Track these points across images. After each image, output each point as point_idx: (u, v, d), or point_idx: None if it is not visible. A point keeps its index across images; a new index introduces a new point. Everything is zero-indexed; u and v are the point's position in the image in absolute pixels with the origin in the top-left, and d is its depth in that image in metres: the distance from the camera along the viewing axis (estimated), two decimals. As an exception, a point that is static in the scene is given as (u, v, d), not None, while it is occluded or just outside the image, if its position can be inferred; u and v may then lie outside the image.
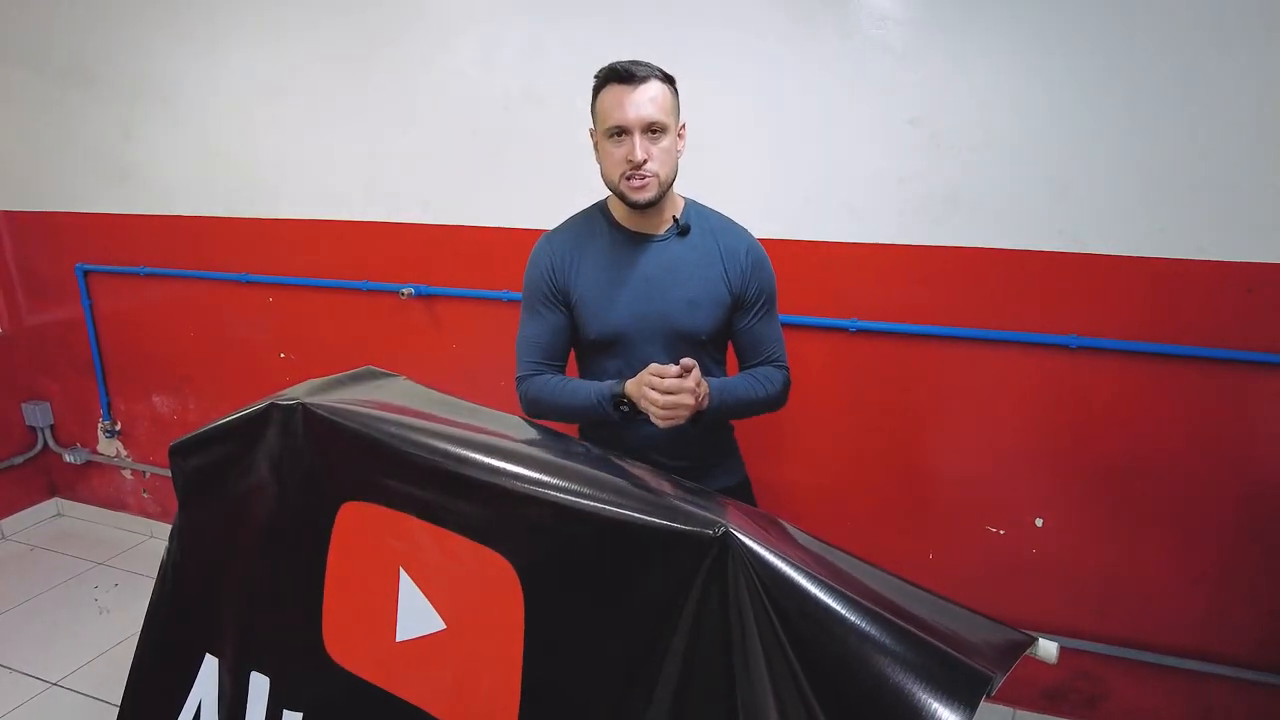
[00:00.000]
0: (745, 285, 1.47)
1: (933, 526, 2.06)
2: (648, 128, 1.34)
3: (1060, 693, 2.05)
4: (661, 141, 1.35)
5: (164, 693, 1.45)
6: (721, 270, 1.46)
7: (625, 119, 1.33)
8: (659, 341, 1.45)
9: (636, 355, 1.45)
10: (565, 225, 1.55)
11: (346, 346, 2.54)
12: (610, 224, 1.49)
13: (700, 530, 0.93)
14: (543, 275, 1.49)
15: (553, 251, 1.50)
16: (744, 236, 1.51)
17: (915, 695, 0.78)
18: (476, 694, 1.12)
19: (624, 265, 1.46)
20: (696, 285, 1.45)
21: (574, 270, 1.47)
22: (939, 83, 1.80)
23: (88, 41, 2.64)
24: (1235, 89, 1.63)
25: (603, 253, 1.47)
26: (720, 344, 1.54)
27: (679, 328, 1.45)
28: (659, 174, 1.36)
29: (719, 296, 1.46)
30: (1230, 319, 1.73)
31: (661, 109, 1.34)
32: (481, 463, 1.13)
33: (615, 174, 1.38)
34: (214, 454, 1.43)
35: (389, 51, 2.27)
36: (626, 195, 1.38)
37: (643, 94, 1.33)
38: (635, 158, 1.33)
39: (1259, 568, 1.82)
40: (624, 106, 1.33)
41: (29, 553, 3.01)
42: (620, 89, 1.33)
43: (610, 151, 1.37)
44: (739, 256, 1.47)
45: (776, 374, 1.52)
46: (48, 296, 3.03)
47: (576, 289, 1.47)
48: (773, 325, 1.53)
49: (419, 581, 1.18)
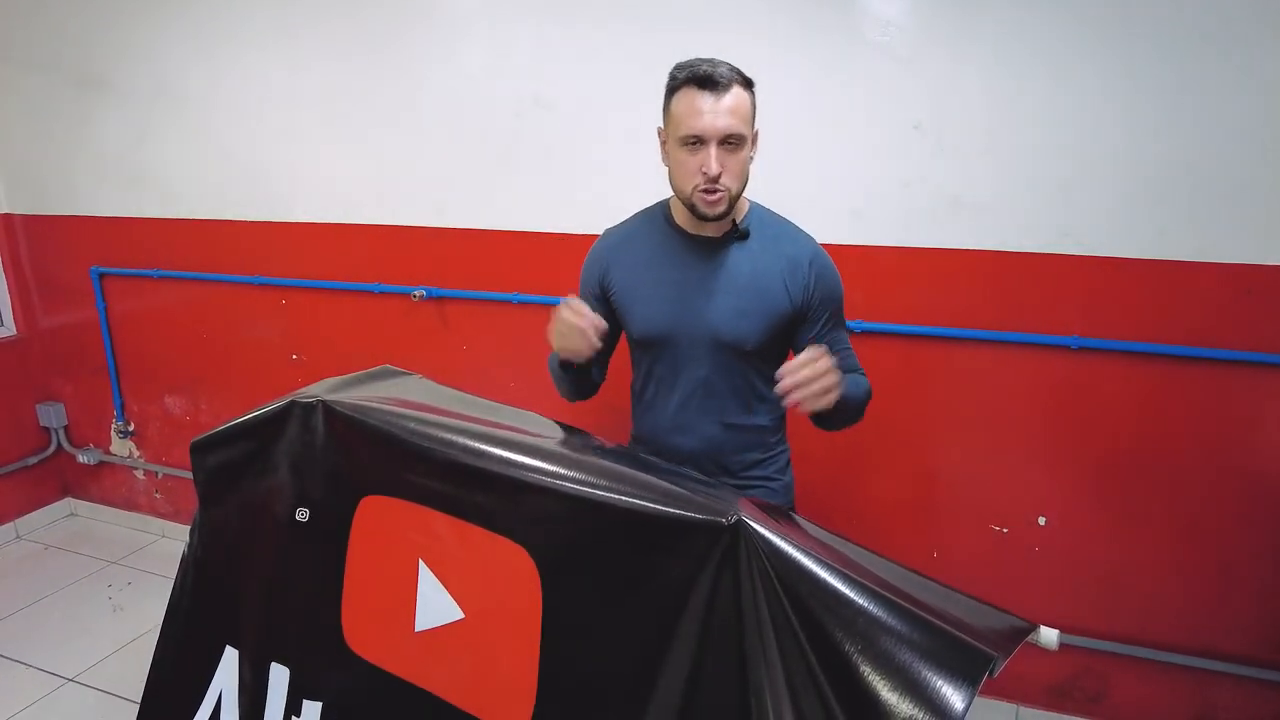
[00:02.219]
0: (809, 297, 1.40)
1: (937, 524, 2.09)
2: (725, 139, 1.26)
3: (1064, 689, 2.08)
4: (738, 153, 1.28)
5: (185, 684, 1.48)
6: (781, 280, 1.38)
7: (702, 129, 1.25)
8: (700, 347, 1.39)
9: (676, 359, 1.41)
10: (625, 222, 1.52)
11: (359, 348, 2.58)
12: (667, 222, 1.44)
13: (713, 518, 0.97)
14: (590, 269, 1.49)
15: (606, 247, 1.48)
16: (808, 244, 1.42)
17: (920, 673, 0.81)
18: (494, 681, 1.15)
19: (671, 265, 1.41)
20: (748, 294, 1.37)
21: (619, 267, 1.45)
22: (942, 88, 1.84)
23: (102, 47, 2.69)
24: (1234, 93, 1.66)
25: (653, 251, 1.43)
26: (769, 358, 1.43)
27: (721, 336, 1.38)
28: (731, 188, 1.30)
29: (774, 308, 1.38)
30: (1230, 320, 1.76)
31: (741, 119, 1.27)
32: (500, 456, 1.16)
33: (687, 185, 1.31)
34: (235, 451, 1.46)
35: (401, 57, 2.31)
36: (698, 207, 1.32)
37: (723, 103, 1.25)
38: (711, 171, 1.26)
39: (1261, 565, 1.85)
40: (702, 115, 1.25)
41: (43, 552, 3.04)
42: (699, 95, 1.25)
43: (683, 160, 1.30)
44: (801, 266, 1.39)
45: (864, 380, 1.44)
46: (62, 299, 3.07)
47: (617, 285, 1.45)
48: (840, 336, 1.46)
49: (438, 572, 1.22)
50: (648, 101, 2.05)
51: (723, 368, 1.40)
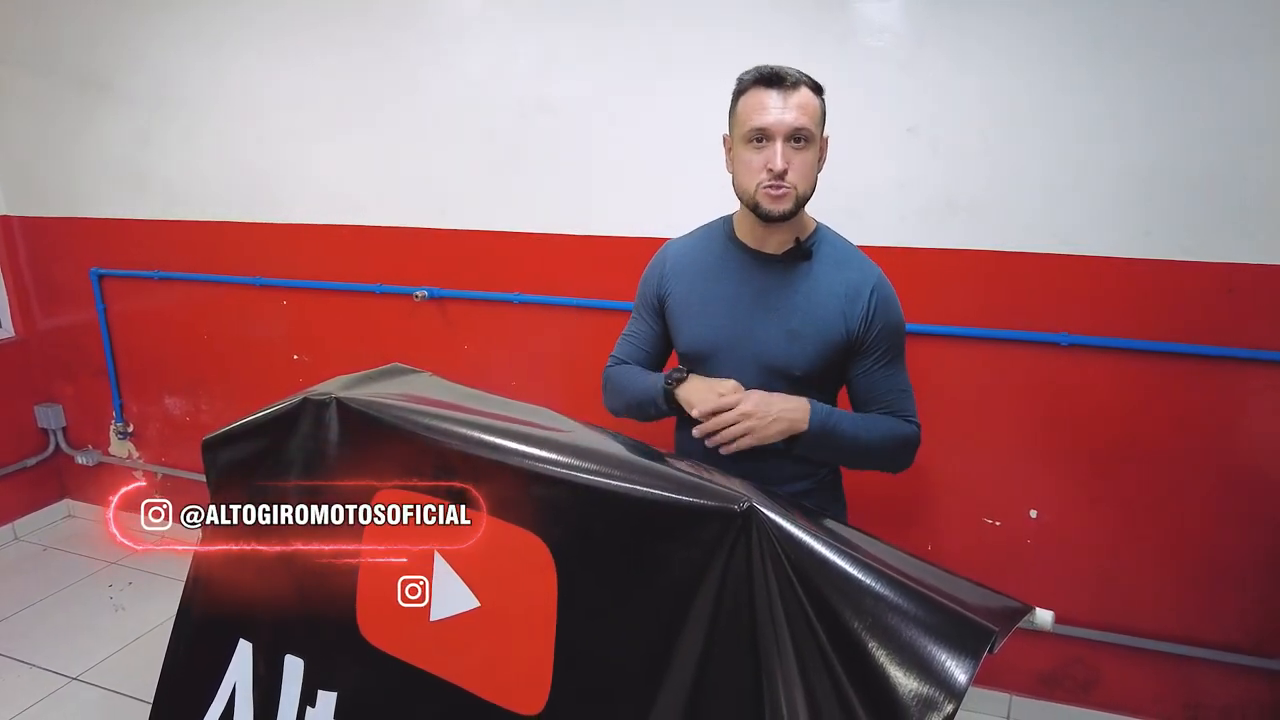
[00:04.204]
0: (867, 328, 1.33)
1: (931, 519, 2.14)
2: (792, 134, 1.23)
3: (1055, 678, 2.13)
4: (805, 152, 1.25)
5: (199, 677, 1.49)
6: (840, 307, 1.32)
7: (768, 122, 1.23)
8: (749, 369, 1.34)
9: (722, 377, 1.35)
10: (689, 233, 1.48)
11: (360, 348, 2.59)
12: (728, 236, 1.39)
13: (726, 505, 1.01)
14: (649, 279, 1.46)
15: (665, 257, 1.45)
16: (872, 271, 1.36)
17: (925, 648, 0.86)
18: (510, 668, 1.18)
19: (727, 280, 1.36)
20: (803, 316, 1.32)
21: (675, 278, 1.41)
22: (937, 92, 1.89)
23: (104, 49, 2.71)
24: (1216, 99, 1.72)
25: (710, 264, 1.39)
26: (824, 386, 1.38)
27: (770, 358, 1.33)
28: (798, 186, 1.25)
29: (829, 334, 1.32)
30: (1213, 317, 1.81)
31: (810, 117, 1.24)
32: (513, 449, 1.20)
33: (751, 183, 1.26)
34: (246, 447, 1.48)
35: (403, 58, 2.34)
36: (761, 204, 1.26)
37: (791, 99, 1.23)
38: (776, 165, 1.22)
39: (1245, 555, 1.91)
40: (768, 110, 1.23)
41: (41, 553, 3.05)
42: (766, 92, 1.23)
43: (748, 159, 1.26)
44: (862, 294, 1.32)
45: (901, 425, 1.36)
46: (62, 300, 3.08)
47: (672, 296, 1.41)
48: (897, 375, 1.38)
49: (453, 563, 1.25)
50: (650, 103, 2.11)
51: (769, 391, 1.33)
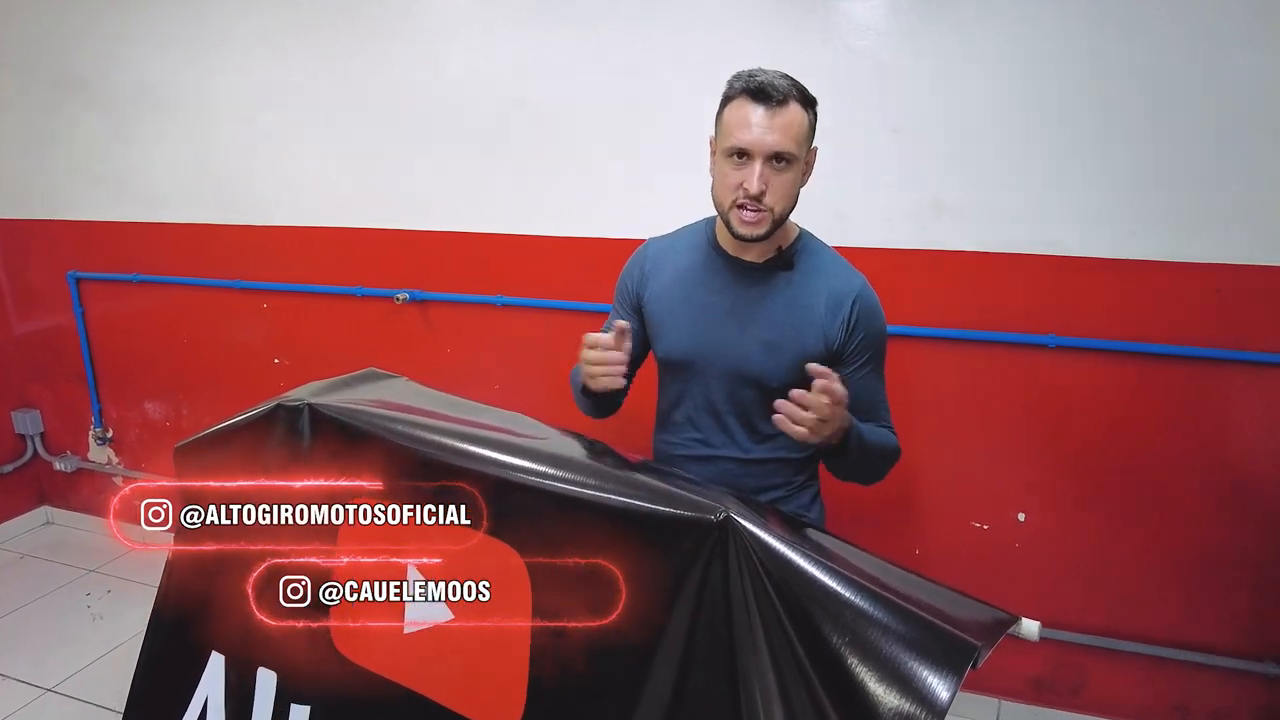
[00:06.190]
0: (847, 338, 1.30)
1: (919, 522, 2.12)
2: (773, 157, 1.19)
3: (1044, 683, 2.11)
4: (786, 173, 1.20)
5: (170, 690, 1.46)
6: (820, 318, 1.29)
7: (749, 141, 1.18)
8: (723, 378, 1.32)
9: (698, 386, 1.34)
10: (672, 232, 1.45)
11: (341, 351, 2.55)
12: (709, 240, 1.36)
13: (702, 515, 0.98)
14: (626, 277, 1.44)
15: (646, 255, 1.42)
16: (854, 281, 1.32)
17: (906, 664, 0.83)
18: (485, 681, 1.16)
19: (707, 288, 1.33)
20: (782, 327, 1.29)
21: (654, 280, 1.39)
22: (921, 93, 1.87)
23: (80, 48, 2.66)
24: (1199, 100, 1.71)
25: (689, 269, 1.36)
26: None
27: (745, 368, 1.30)
28: (774, 209, 1.21)
29: (807, 345, 1.29)
30: (1199, 318, 1.80)
31: (794, 139, 1.19)
32: (488, 457, 1.17)
33: (726, 199, 1.23)
34: (219, 455, 1.46)
35: (384, 59, 2.31)
36: (733, 225, 1.24)
37: (776, 118, 1.17)
38: (751, 188, 1.19)
39: (1232, 558, 1.90)
40: (750, 128, 1.18)
41: (18, 561, 2.99)
42: (752, 107, 1.18)
43: (726, 173, 1.22)
44: (844, 303, 1.29)
45: (891, 436, 1.35)
46: (39, 304, 3.03)
47: (650, 296, 1.39)
48: (875, 386, 1.36)
49: (427, 574, 1.22)
50: (632, 104, 2.09)
51: (744, 401, 1.33)
